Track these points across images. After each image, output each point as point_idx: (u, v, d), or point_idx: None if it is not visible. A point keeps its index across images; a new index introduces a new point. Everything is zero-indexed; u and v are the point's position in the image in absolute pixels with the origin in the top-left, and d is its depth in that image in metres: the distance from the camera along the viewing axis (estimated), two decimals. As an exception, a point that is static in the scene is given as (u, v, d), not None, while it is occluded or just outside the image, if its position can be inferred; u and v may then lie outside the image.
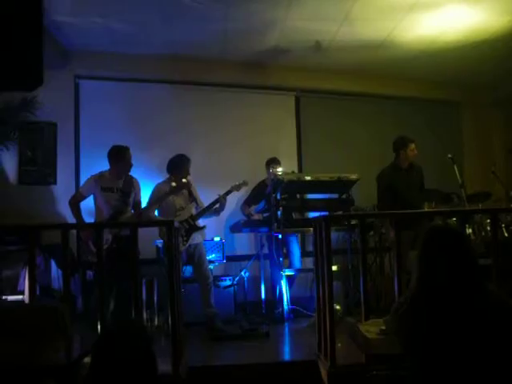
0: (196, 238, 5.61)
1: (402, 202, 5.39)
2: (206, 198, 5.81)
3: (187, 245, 5.47)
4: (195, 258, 5.59)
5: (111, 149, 5.34)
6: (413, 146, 5.79)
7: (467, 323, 2.00)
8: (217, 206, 5.68)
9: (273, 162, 6.38)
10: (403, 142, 5.81)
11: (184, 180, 5.53)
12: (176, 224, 3.93)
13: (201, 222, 5.68)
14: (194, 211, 5.65)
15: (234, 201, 6.48)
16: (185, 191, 5.61)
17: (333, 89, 7.57)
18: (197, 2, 5.33)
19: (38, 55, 3.20)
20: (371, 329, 2.92)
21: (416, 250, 2.24)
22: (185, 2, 5.35)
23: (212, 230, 6.21)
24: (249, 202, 6.60)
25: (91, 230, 4.88)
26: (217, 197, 5.65)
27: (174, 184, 5.49)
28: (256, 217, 6.35)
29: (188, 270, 5.94)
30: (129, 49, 6.51)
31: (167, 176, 5.71)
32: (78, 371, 2.80)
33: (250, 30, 6.23)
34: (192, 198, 5.63)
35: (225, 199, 5.68)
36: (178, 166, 5.62)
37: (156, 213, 5.58)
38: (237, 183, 5.84)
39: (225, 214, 6.12)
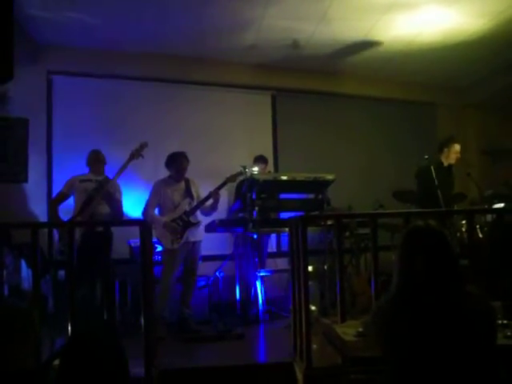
0: (196, 235, 5.59)
1: (435, 199, 5.45)
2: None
3: (182, 242, 5.41)
4: (192, 254, 5.55)
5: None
6: (457, 147, 5.86)
7: (448, 324, 1.97)
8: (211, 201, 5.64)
9: (259, 159, 6.32)
10: (448, 140, 5.94)
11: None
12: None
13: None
14: (187, 208, 5.59)
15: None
16: (182, 187, 5.59)
17: (310, 88, 7.55)
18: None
19: (8, 48, 3.11)
20: (348, 330, 2.88)
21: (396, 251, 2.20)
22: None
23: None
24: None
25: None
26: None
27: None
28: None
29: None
30: (103, 44, 6.41)
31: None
32: (48, 375, 2.71)
33: (227, 29, 6.19)
34: (187, 194, 5.60)
35: (217, 193, 5.61)
36: (173, 161, 5.60)
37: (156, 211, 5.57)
38: (232, 174, 5.75)
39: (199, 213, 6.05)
